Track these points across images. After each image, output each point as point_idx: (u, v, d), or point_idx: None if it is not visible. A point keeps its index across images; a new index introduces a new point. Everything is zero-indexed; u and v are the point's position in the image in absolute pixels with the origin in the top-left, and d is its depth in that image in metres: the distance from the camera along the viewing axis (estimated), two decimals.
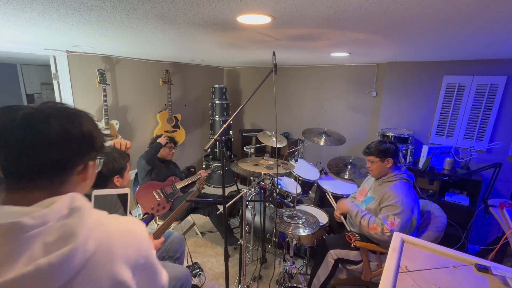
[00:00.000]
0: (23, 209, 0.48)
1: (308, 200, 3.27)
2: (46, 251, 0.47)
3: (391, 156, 1.86)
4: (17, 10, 1.15)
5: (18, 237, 0.45)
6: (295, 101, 3.89)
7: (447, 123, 2.70)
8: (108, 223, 0.58)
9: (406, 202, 1.71)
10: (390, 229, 1.68)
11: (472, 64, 2.51)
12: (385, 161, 1.87)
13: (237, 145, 4.38)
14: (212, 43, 1.94)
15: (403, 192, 1.75)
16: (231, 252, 2.62)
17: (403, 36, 1.49)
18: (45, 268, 0.45)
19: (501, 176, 2.48)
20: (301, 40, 1.70)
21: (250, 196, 2.30)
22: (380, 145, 1.89)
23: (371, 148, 1.91)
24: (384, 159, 1.87)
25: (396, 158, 1.89)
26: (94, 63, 2.91)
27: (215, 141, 1.34)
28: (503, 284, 0.97)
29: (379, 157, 1.87)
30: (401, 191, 1.76)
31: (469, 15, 1.06)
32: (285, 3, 0.96)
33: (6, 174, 0.51)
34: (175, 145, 2.76)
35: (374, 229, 1.74)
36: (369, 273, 1.82)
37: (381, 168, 1.89)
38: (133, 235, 0.60)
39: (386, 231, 1.69)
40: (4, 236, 0.45)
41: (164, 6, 1.05)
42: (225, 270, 1.62)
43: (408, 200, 1.72)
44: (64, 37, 1.84)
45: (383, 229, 1.71)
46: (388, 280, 0.96)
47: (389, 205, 1.74)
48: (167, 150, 2.67)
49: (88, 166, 0.59)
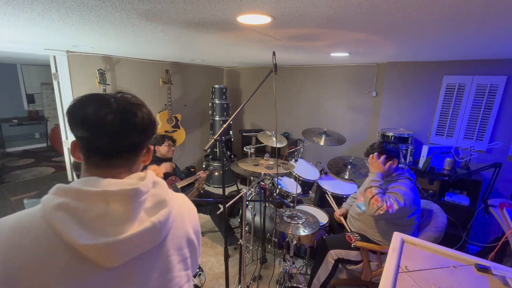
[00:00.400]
0: (120, 180, 0.57)
1: (308, 200, 3.27)
2: (146, 214, 0.58)
3: (397, 157, 1.87)
4: (17, 10, 1.15)
5: (136, 201, 0.55)
6: (295, 101, 3.89)
7: (447, 123, 2.70)
8: (176, 195, 0.72)
9: (409, 195, 1.73)
10: (385, 209, 1.67)
11: (472, 64, 2.51)
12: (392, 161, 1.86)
13: (237, 145, 4.38)
14: (212, 43, 1.94)
15: (407, 187, 1.77)
16: (231, 252, 2.62)
17: (403, 36, 1.49)
18: (157, 224, 0.57)
19: (501, 176, 2.48)
20: (301, 40, 1.70)
21: (250, 196, 2.30)
22: (385, 145, 1.88)
23: (376, 148, 1.90)
24: (389, 159, 1.86)
25: (399, 159, 1.89)
26: (94, 63, 2.91)
27: (215, 141, 1.34)
28: (503, 284, 0.97)
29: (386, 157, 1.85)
30: (404, 186, 1.78)
31: (469, 15, 1.06)
32: (285, 3, 0.96)
33: (99, 153, 0.58)
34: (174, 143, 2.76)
35: (376, 200, 1.71)
36: (369, 273, 1.82)
37: (389, 168, 1.87)
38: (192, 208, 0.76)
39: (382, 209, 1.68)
40: (127, 198, 0.54)
41: (164, 6, 1.05)
42: (225, 270, 1.62)
43: (411, 194, 1.74)
44: (64, 37, 1.84)
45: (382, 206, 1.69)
46: (388, 280, 0.96)
47: (391, 192, 1.76)
48: (166, 149, 2.66)
49: (150, 149, 0.67)
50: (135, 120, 0.58)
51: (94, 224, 0.51)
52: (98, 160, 0.58)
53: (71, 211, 0.50)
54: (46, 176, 4.49)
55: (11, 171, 4.64)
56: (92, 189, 0.52)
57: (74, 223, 0.49)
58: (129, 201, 0.54)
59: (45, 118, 6.03)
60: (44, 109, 6.01)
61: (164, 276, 0.62)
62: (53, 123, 6.06)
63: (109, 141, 0.57)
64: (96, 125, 0.55)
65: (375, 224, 1.87)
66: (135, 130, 0.59)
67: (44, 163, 5.09)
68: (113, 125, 0.56)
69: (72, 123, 0.57)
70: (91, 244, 0.49)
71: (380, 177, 1.83)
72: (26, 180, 4.28)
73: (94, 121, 0.55)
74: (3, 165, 4.92)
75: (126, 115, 0.57)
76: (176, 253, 0.65)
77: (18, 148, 5.87)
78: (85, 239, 0.49)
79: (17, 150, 5.84)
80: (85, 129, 0.56)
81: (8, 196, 3.70)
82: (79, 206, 0.51)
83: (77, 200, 0.51)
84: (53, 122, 6.07)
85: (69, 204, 0.50)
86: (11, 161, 5.15)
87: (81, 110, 0.56)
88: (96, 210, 0.51)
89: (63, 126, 2.88)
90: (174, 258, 0.64)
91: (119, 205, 0.53)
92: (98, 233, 0.50)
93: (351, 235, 1.88)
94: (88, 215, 0.51)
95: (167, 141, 2.65)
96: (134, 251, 0.55)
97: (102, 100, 0.57)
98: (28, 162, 5.12)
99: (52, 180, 4.30)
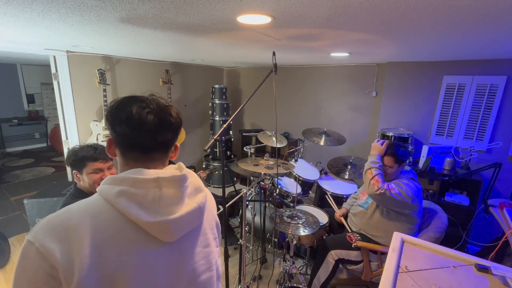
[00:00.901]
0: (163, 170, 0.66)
1: (308, 200, 3.27)
2: (188, 198, 0.67)
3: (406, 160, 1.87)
4: (17, 10, 1.15)
5: (183, 185, 0.65)
6: (295, 101, 3.89)
7: (447, 123, 2.70)
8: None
9: (411, 187, 1.74)
10: (386, 188, 1.70)
11: (472, 64, 2.51)
12: (401, 165, 1.86)
13: (237, 145, 4.38)
14: (212, 43, 1.94)
15: (410, 182, 1.79)
16: (231, 252, 2.62)
17: (403, 36, 1.49)
18: (201, 205, 0.68)
19: (501, 176, 2.48)
20: (301, 40, 1.70)
21: (250, 196, 2.30)
22: (399, 149, 1.84)
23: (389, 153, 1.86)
24: (401, 163, 1.85)
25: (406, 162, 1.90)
26: (94, 63, 2.91)
27: (215, 141, 1.34)
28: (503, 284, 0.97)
29: (397, 162, 1.84)
30: (407, 181, 1.79)
31: (469, 15, 1.06)
32: (285, 3, 0.96)
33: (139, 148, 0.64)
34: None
35: (377, 181, 1.74)
36: (369, 273, 1.82)
37: (397, 172, 1.87)
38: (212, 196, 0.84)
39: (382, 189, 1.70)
40: (178, 183, 0.64)
41: (164, 6, 1.05)
42: (225, 270, 1.62)
43: (413, 187, 1.75)
44: (64, 37, 1.84)
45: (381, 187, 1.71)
46: (388, 280, 0.96)
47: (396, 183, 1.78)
48: None
49: (177, 147, 0.74)
50: (170, 119, 0.66)
51: (151, 206, 0.59)
52: (138, 154, 0.65)
53: (131, 196, 0.58)
54: (46, 176, 4.49)
55: (11, 171, 4.64)
56: (146, 177, 0.60)
57: (135, 206, 0.58)
58: (179, 185, 0.64)
59: (45, 118, 6.03)
60: (44, 109, 6.01)
61: (205, 251, 0.73)
62: (53, 123, 6.06)
63: (150, 137, 0.63)
64: (139, 123, 0.62)
65: (376, 223, 1.87)
66: (170, 128, 0.66)
67: (44, 163, 5.09)
68: (153, 123, 0.62)
69: (116, 121, 0.63)
70: (152, 221, 0.58)
71: (379, 159, 1.84)
72: (26, 180, 4.28)
73: (138, 119, 0.61)
74: (3, 165, 4.92)
75: (163, 115, 0.64)
76: (210, 231, 0.76)
77: (18, 148, 5.87)
78: (147, 217, 0.58)
79: (17, 150, 5.84)
80: (128, 126, 0.62)
81: (8, 196, 3.70)
82: (137, 192, 0.59)
83: (134, 187, 0.59)
84: (53, 122, 6.07)
85: (129, 191, 0.58)
86: (11, 161, 5.15)
87: (125, 109, 0.62)
88: (152, 194, 0.60)
89: (63, 126, 2.87)
90: (210, 236, 0.75)
91: (171, 189, 0.62)
92: (155, 213, 0.59)
93: (351, 235, 1.88)
94: (146, 199, 0.59)
95: None
96: (186, 228, 0.65)
97: (141, 101, 0.63)
98: (28, 162, 5.12)
99: (52, 180, 4.30)
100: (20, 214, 3.25)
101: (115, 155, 0.68)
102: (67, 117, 2.83)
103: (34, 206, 2.31)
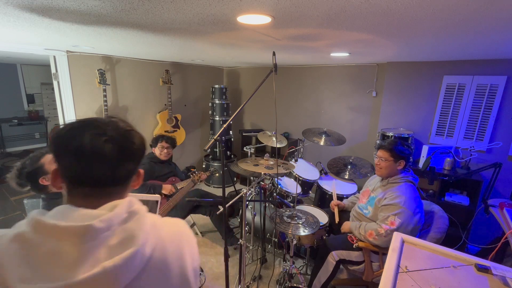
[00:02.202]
0: (92, 211, 0.51)
1: (308, 200, 3.27)
2: (110, 253, 0.49)
3: (405, 159, 1.84)
4: (17, 10, 1.15)
5: (88, 239, 0.47)
6: (295, 101, 3.89)
7: (447, 123, 2.70)
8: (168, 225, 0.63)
9: (409, 203, 1.70)
10: (386, 229, 1.68)
11: (472, 64, 2.51)
12: (398, 163, 1.84)
13: (237, 145, 4.38)
14: (212, 43, 1.94)
15: (407, 194, 1.74)
16: (231, 252, 2.62)
17: (403, 36, 1.49)
18: (111, 270, 0.47)
19: (501, 176, 2.48)
20: (301, 40, 1.70)
21: (250, 196, 2.30)
22: (397, 145, 1.84)
23: (385, 146, 1.86)
24: (397, 160, 1.83)
25: (408, 161, 1.86)
26: (94, 63, 2.91)
27: (215, 141, 1.34)
28: (503, 284, 0.97)
29: (393, 156, 1.83)
30: (405, 193, 1.75)
31: (469, 15, 1.06)
32: (285, 3, 0.96)
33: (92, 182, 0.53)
34: (173, 147, 2.65)
35: (371, 234, 1.75)
36: (371, 274, 1.82)
37: (391, 168, 1.85)
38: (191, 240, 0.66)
39: (381, 231, 1.69)
40: (76, 237, 0.47)
41: (164, 6, 1.05)
42: (225, 270, 1.62)
43: (411, 202, 1.71)
44: (64, 37, 1.84)
45: (378, 231, 1.71)
46: (388, 280, 0.96)
47: (390, 204, 1.74)
48: (158, 151, 2.53)
49: (139, 173, 0.63)
50: (133, 147, 0.56)
51: (41, 263, 0.45)
52: (89, 190, 0.53)
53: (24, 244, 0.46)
54: None
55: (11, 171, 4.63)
56: (48, 221, 0.47)
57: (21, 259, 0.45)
58: (80, 240, 0.47)
59: (45, 118, 6.03)
60: (44, 109, 6.01)
61: None
62: (53, 123, 6.06)
63: (107, 170, 0.53)
64: (93, 155, 0.51)
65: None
66: (132, 158, 0.56)
67: None
68: (112, 154, 0.52)
69: (61, 152, 0.52)
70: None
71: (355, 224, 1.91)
72: None
73: (91, 150, 0.51)
74: (3, 165, 4.92)
75: (124, 143, 0.55)
76: None
77: (18, 148, 5.87)
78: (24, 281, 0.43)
79: (17, 150, 5.83)
80: (79, 159, 0.51)
81: (8, 196, 3.70)
82: (34, 239, 0.46)
83: (35, 232, 0.47)
84: (53, 122, 6.07)
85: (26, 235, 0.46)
86: (11, 161, 5.14)
87: (75, 138, 0.51)
88: (47, 246, 0.46)
89: None
90: None
91: (69, 243, 0.47)
92: (40, 275, 0.44)
93: (352, 235, 1.88)
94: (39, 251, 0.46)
95: (160, 143, 2.54)
96: None
97: (96, 127, 0.53)
98: None
99: None
100: (20, 214, 3.25)
101: (60, 189, 0.55)
102: (67, 117, 2.83)
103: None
